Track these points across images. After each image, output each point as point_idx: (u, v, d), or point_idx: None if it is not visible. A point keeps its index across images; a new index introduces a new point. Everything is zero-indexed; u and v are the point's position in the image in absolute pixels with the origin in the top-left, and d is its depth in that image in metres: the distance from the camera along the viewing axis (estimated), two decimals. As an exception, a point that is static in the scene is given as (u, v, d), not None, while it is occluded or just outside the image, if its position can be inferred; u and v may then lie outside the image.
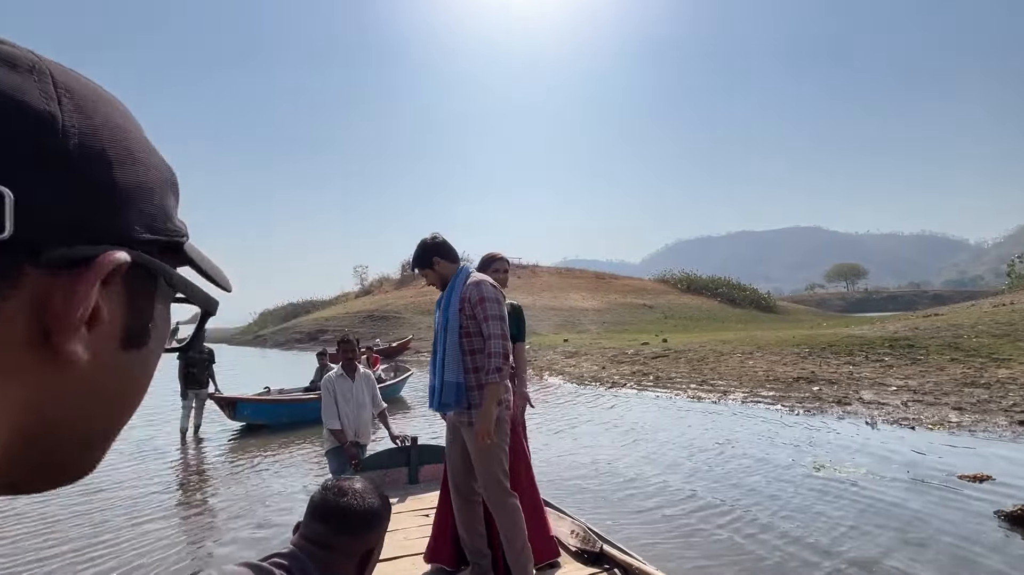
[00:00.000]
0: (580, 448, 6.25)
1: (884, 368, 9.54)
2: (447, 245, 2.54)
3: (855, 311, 70.80)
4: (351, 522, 1.06)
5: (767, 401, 8.38)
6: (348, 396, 3.83)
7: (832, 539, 3.54)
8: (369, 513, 1.08)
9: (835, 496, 4.33)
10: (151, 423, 8.94)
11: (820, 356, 11.12)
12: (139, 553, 3.74)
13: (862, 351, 10.92)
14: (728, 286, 47.56)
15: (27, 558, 3.70)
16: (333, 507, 1.07)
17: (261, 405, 8.15)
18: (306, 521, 1.09)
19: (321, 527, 1.05)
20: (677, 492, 4.59)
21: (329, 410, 3.74)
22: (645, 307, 36.46)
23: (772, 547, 3.46)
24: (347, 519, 1.06)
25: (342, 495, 1.08)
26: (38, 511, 4.69)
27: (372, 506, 1.10)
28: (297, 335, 33.63)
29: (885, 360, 10.06)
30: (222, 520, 4.41)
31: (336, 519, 1.06)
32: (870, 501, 4.18)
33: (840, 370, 9.77)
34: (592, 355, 15.07)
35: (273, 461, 6.27)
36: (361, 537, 1.08)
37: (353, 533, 1.06)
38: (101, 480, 5.63)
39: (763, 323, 30.95)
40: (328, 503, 1.07)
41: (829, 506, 4.12)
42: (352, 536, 1.07)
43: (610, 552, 2.53)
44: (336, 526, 1.05)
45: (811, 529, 3.71)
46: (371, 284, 50.25)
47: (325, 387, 3.82)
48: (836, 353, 11.13)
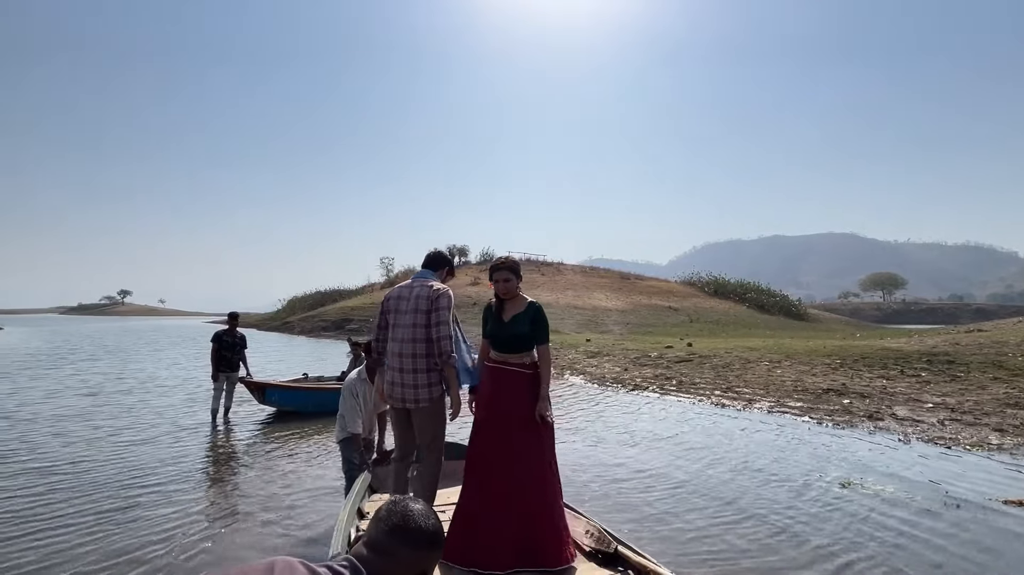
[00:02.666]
0: (597, 449, 6.21)
1: (920, 384, 9.18)
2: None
3: (891, 322, 68.25)
4: (414, 537, 1.10)
5: (794, 412, 8.16)
6: (368, 398, 4.06)
7: (856, 560, 3.43)
8: (431, 532, 1.13)
9: (861, 515, 4.18)
10: (185, 403, 9.28)
11: (852, 368, 10.76)
12: (162, 528, 3.89)
13: (897, 365, 10.52)
14: (757, 291, 46.46)
15: (57, 523, 3.89)
16: (399, 520, 1.11)
17: (288, 391, 8.35)
18: (370, 531, 1.14)
19: (385, 539, 1.09)
20: (695, 499, 4.51)
21: (352, 414, 3.96)
22: (670, 310, 35.93)
23: (790, 561, 3.38)
24: (410, 534, 1.10)
25: (408, 511, 1.13)
26: (68, 482, 4.92)
27: (434, 526, 1.15)
28: (323, 323, 34.34)
29: (922, 375, 9.67)
30: (241, 499, 4.55)
31: (401, 532, 1.10)
32: (900, 522, 4.02)
33: (873, 384, 9.43)
34: (614, 356, 14.94)
35: (296, 446, 6.43)
36: (421, 554, 1.12)
37: (414, 548, 1.10)
38: (131, 454, 5.88)
39: (793, 331, 30.11)
40: (394, 517, 1.12)
41: (854, 525, 3.99)
42: (413, 551, 1.11)
43: (625, 553, 2.53)
44: (400, 539, 1.09)
45: (833, 547, 3.60)
46: (396, 275, 50.89)
47: (350, 391, 4.02)
48: (869, 366, 10.75)
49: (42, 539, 3.67)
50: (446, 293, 3.00)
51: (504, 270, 2.90)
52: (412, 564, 1.09)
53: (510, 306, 2.92)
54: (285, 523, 4.05)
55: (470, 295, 33.71)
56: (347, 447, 4.01)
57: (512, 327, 2.86)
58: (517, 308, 2.91)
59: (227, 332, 7.95)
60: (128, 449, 6.10)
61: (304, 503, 4.49)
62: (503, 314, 2.92)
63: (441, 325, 2.90)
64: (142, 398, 9.71)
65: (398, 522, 1.11)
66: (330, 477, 5.16)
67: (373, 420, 4.25)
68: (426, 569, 1.13)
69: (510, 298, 2.93)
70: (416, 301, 2.99)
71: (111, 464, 5.51)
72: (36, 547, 3.55)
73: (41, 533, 3.77)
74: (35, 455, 5.81)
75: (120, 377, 12.75)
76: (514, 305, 2.92)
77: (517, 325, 2.86)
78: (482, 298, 31.40)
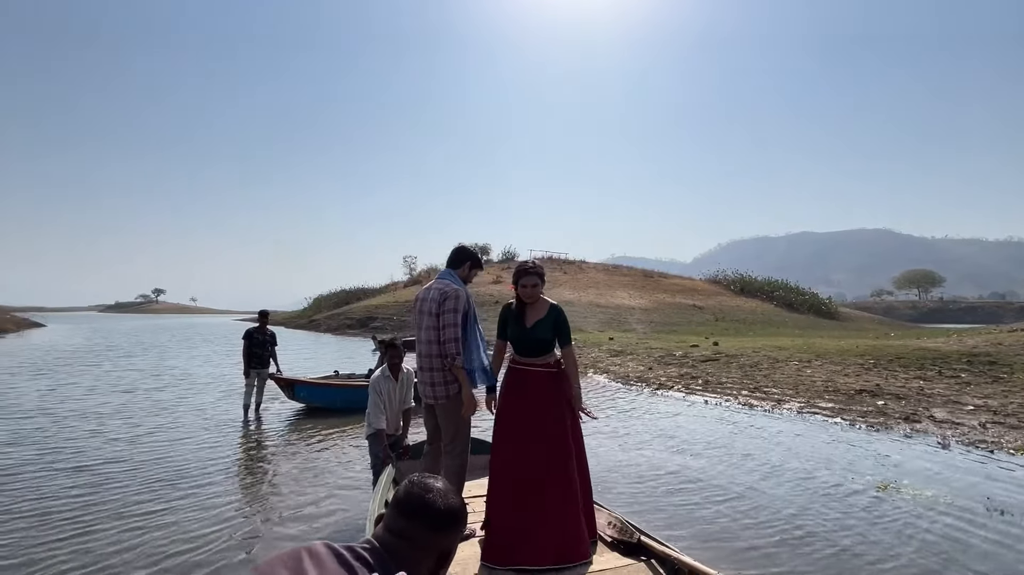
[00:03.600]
0: (622, 447, 6.17)
1: (960, 385, 8.83)
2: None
3: (927, 322, 65.72)
4: (433, 518, 1.08)
5: (825, 413, 7.95)
6: (392, 396, 4.20)
7: (889, 564, 3.33)
8: (451, 512, 1.10)
9: (898, 518, 4.06)
10: (219, 399, 9.57)
11: (887, 368, 10.41)
12: (196, 520, 4.02)
13: (935, 365, 10.15)
14: (785, 289, 45.29)
15: (101, 516, 4.06)
16: (418, 502, 1.09)
17: (316, 388, 8.52)
18: (390, 514, 1.11)
19: (404, 521, 1.07)
20: (722, 498, 4.44)
21: (376, 410, 4.07)
22: (695, 308, 35.36)
23: (822, 565, 3.30)
24: (430, 514, 1.08)
25: (427, 491, 1.10)
26: (109, 476, 5.12)
27: (454, 506, 1.11)
28: (348, 321, 34.90)
29: (962, 377, 9.30)
30: (272, 492, 4.67)
31: (420, 514, 1.07)
32: (939, 527, 3.89)
33: (909, 385, 9.12)
34: (638, 355, 14.79)
35: (325, 441, 6.57)
36: (442, 534, 1.10)
37: (435, 529, 1.08)
38: (167, 448, 6.09)
39: (823, 330, 29.30)
40: (412, 498, 1.09)
41: (890, 528, 3.87)
42: (433, 532, 1.08)
43: (647, 543, 2.58)
44: (419, 521, 1.07)
45: (867, 551, 3.50)
46: (419, 274, 51.35)
47: (374, 388, 4.13)
48: (905, 366, 10.40)
49: (85, 532, 3.84)
50: (454, 294, 3.02)
51: (532, 275, 2.86)
52: (432, 544, 1.06)
53: (531, 311, 2.90)
54: (315, 515, 4.15)
55: (492, 294, 33.80)
56: (373, 442, 4.09)
57: (535, 332, 2.86)
58: (539, 313, 2.89)
59: (258, 330, 8.16)
60: (164, 444, 6.33)
61: (334, 496, 4.59)
62: (525, 319, 2.90)
63: (447, 327, 2.96)
64: (177, 394, 10.05)
65: (416, 502, 1.08)
66: (358, 471, 5.25)
67: (399, 417, 4.32)
68: (447, 549, 1.10)
69: (533, 302, 2.91)
70: (430, 303, 3.07)
71: (149, 458, 5.73)
72: (78, 540, 3.72)
73: (84, 526, 3.94)
74: (78, 450, 6.07)
75: (156, 374, 13.22)
76: (535, 309, 2.90)
77: (540, 330, 2.85)
78: (504, 297, 31.46)
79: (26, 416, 7.75)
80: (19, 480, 4.86)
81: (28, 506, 4.23)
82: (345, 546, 1.03)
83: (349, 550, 1.02)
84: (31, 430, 6.84)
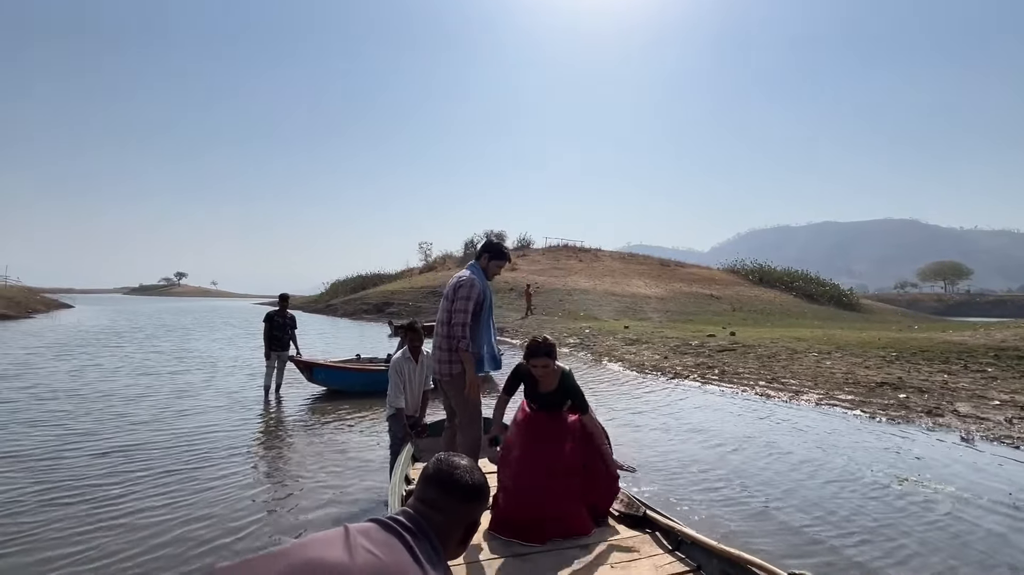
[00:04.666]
0: (638, 437, 6.17)
1: (987, 380, 8.61)
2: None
3: (953, 315, 64.02)
4: (463, 490, 1.18)
5: (845, 405, 7.84)
6: (412, 377, 4.31)
7: (908, 559, 3.30)
8: (478, 485, 1.21)
9: (917, 512, 4.00)
10: (240, 380, 9.79)
11: (910, 361, 10.20)
12: (219, 498, 4.14)
13: (960, 359, 9.90)
14: (805, 280, 44.47)
15: (129, 493, 4.21)
16: (447, 476, 1.19)
17: (335, 371, 8.65)
18: (421, 488, 1.20)
19: (436, 493, 1.17)
20: (736, 487, 4.43)
21: (397, 391, 4.18)
22: (712, 298, 34.95)
23: (840, 555, 3.28)
24: (459, 487, 1.18)
25: (455, 468, 1.20)
26: (136, 455, 5.29)
27: (479, 480, 1.22)
28: (365, 306, 35.29)
29: (988, 371, 9.07)
30: (293, 470, 4.79)
31: (450, 487, 1.17)
32: (960, 523, 3.83)
33: (933, 378, 8.92)
34: (654, 344, 14.71)
35: (344, 422, 6.69)
36: (470, 506, 1.20)
37: (464, 501, 1.18)
38: (191, 428, 6.27)
39: (843, 322, 28.75)
40: (442, 473, 1.20)
41: (910, 522, 3.82)
42: (463, 503, 1.18)
43: (652, 517, 2.73)
44: (450, 493, 1.17)
45: (881, 542, 3.47)
46: (435, 260, 51.56)
47: (395, 369, 4.21)
48: (929, 359, 10.17)
49: (114, 507, 3.99)
50: (467, 282, 3.25)
51: (542, 356, 2.85)
52: (462, 515, 1.16)
53: (544, 380, 2.95)
54: (338, 491, 4.26)
55: (507, 280, 33.81)
56: (393, 422, 4.19)
57: (550, 399, 2.97)
58: (551, 383, 2.95)
59: (278, 313, 8.30)
60: (189, 424, 6.51)
61: (353, 473, 4.70)
62: (539, 386, 2.98)
63: (456, 313, 3.23)
64: (201, 375, 10.31)
65: (445, 477, 1.18)
66: (378, 451, 5.35)
67: (419, 398, 4.40)
68: (474, 520, 1.20)
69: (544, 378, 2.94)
70: (448, 289, 3.36)
71: (174, 437, 5.91)
72: (108, 515, 3.86)
73: (113, 501, 4.10)
74: (104, 428, 6.28)
75: (179, 355, 13.56)
76: (548, 379, 2.94)
77: (555, 397, 2.96)
78: (518, 284, 31.47)
79: (54, 398, 8.04)
80: (54, 455, 5.06)
81: (60, 482, 4.41)
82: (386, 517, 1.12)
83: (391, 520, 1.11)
84: (60, 410, 7.10)
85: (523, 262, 41.78)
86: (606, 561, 2.40)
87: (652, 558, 2.42)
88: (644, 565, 2.35)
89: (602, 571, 2.32)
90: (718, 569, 2.25)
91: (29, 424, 6.15)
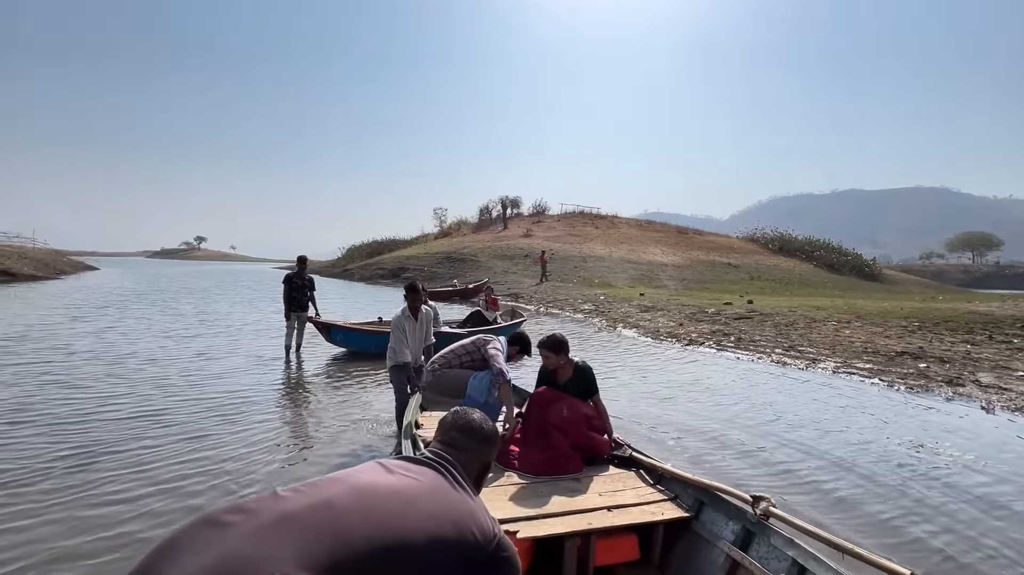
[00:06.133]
0: (652, 403, 6.22)
1: (1011, 351, 8.44)
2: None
3: (979, 287, 62.20)
4: (479, 434, 1.37)
5: (863, 374, 7.77)
6: (413, 332, 4.70)
7: (925, 523, 3.32)
8: (491, 431, 1.42)
9: (932, 478, 4.00)
10: (261, 340, 10.03)
11: (932, 331, 10.02)
12: (245, 439, 4.31)
13: (985, 330, 9.70)
14: (826, 249, 43.46)
15: (152, 434, 4.40)
16: (465, 422, 1.39)
17: (351, 332, 8.80)
18: (441, 432, 1.38)
19: (457, 435, 1.35)
20: (751, 454, 4.46)
21: (401, 345, 4.58)
22: (729, 266, 34.46)
23: (857, 523, 3.31)
24: (476, 432, 1.37)
25: (471, 416, 1.41)
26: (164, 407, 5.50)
27: (492, 427, 1.43)
28: (380, 271, 35.56)
29: (1014, 342, 8.88)
30: (310, 421, 4.97)
31: (468, 430, 1.37)
32: (978, 488, 3.83)
33: (955, 349, 8.77)
34: (669, 311, 14.64)
35: (360, 380, 6.87)
36: (486, 447, 1.38)
37: (482, 442, 1.37)
38: (215, 383, 6.48)
39: (864, 292, 28.22)
40: (460, 419, 1.40)
41: (924, 487, 3.83)
42: (481, 445, 1.36)
43: (637, 457, 3.10)
44: (469, 436, 1.36)
45: (901, 509, 3.49)
46: (450, 226, 51.40)
47: (397, 326, 4.61)
48: (952, 330, 9.98)
49: (148, 455, 4.18)
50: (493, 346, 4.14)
51: (543, 347, 3.36)
52: (479, 455, 1.35)
53: (561, 372, 3.41)
54: (355, 438, 4.47)
55: (521, 247, 33.69)
56: (397, 373, 4.56)
57: (566, 388, 3.38)
58: (566, 374, 3.40)
59: (297, 274, 8.41)
60: (215, 381, 6.73)
61: (369, 424, 4.90)
62: (556, 377, 3.43)
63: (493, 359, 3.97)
64: (224, 336, 10.58)
65: (463, 423, 1.38)
66: (389, 403, 5.49)
67: (420, 352, 4.75)
68: (488, 461, 1.40)
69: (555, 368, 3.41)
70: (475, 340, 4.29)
71: (201, 393, 6.12)
72: (142, 463, 4.05)
73: (147, 450, 4.29)
74: (134, 386, 6.53)
75: (202, 317, 13.92)
76: (563, 371, 3.40)
77: (569, 386, 3.37)
78: (533, 250, 31.33)
79: (85, 360, 8.34)
80: (89, 411, 5.30)
81: (93, 432, 4.62)
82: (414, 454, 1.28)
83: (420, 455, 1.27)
84: (90, 367, 7.39)
85: (539, 228, 41.45)
86: (595, 490, 2.76)
87: (636, 490, 2.78)
88: (628, 494, 2.71)
89: (592, 497, 2.67)
90: (692, 497, 2.60)
91: (64, 386, 6.42)
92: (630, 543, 2.45)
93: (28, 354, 7.77)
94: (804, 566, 1.94)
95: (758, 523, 2.22)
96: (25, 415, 4.89)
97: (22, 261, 27.68)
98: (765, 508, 2.21)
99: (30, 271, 26.76)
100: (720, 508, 2.45)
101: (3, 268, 24.42)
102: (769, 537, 2.15)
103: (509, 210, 48.92)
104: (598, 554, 2.38)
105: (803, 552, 1.99)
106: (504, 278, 26.25)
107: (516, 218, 48.29)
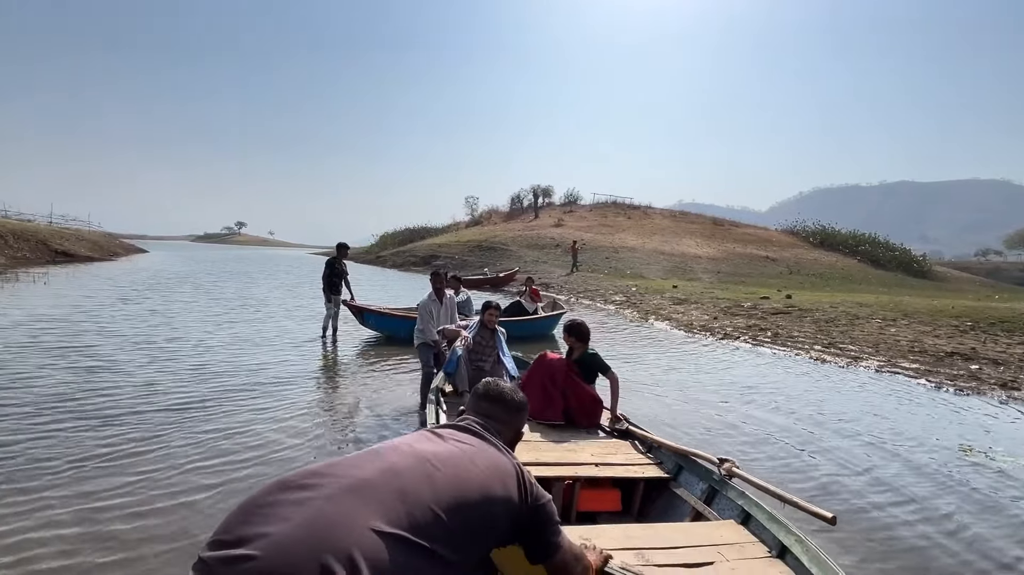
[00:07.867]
0: (682, 397, 6.16)
1: (1074, 354, 7.95)
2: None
3: (1040, 286, 58.42)
4: (511, 404, 1.47)
5: (908, 374, 7.48)
6: (438, 314, 5.17)
7: (971, 531, 3.21)
8: (522, 402, 1.51)
9: (982, 484, 3.86)
10: (300, 321, 10.39)
11: (986, 332, 9.52)
12: (291, 413, 4.51)
13: (1046, 332, 9.15)
14: (872, 243, 41.54)
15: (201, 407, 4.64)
16: (496, 393, 1.48)
17: (383, 317, 9.03)
18: (474, 402, 1.46)
19: (489, 405, 1.45)
20: (788, 451, 4.39)
21: (428, 326, 5.06)
22: (767, 260, 33.45)
23: (896, 526, 3.24)
24: (507, 402, 1.46)
25: (500, 387, 1.50)
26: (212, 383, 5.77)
27: (522, 398, 1.52)
28: (413, 259, 36.08)
29: (1077, 345, 8.35)
30: (344, 395, 5.21)
31: (500, 400, 1.46)
32: None
33: (1011, 351, 8.32)
34: (703, 304, 14.37)
35: (391, 361, 7.06)
36: (516, 417, 1.48)
37: (512, 413, 1.46)
38: (260, 360, 6.76)
39: (911, 289, 26.92)
40: (491, 390, 1.49)
41: (974, 493, 3.70)
42: (511, 415, 1.46)
43: (631, 429, 3.38)
44: (501, 405, 1.45)
45: (946, 516, 3.38)
46: (481, 215, 51.57)
47: (426, 308, 5.09)
48: (1008, 331, 9.45)
49: (196, 427, 4.42)
50: None
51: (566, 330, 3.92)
52: (511, 422, 1.45)
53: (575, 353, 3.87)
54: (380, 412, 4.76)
55: (553, 236, 33.54)
56: (424, 350, 5.05)
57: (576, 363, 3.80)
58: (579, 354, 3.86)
59: (337, 260, 8.72)
60: (259, 359, 7.04)
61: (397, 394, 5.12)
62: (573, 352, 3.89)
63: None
64: (266, 317, 11.02)
65: (495, 394, 1.47)
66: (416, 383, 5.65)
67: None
68: (519, 427, 1.49)
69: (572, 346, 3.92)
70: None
71: (246, 370, 6.41)
72: (192, 434, 4.29)
73: (196, 422, 4.54)
74: (183, 362, 6.89)
75: (244, 299, 14.49)
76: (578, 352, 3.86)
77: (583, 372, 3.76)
78: (564, 240, 31.15)
79: (136, 344, 8.83)
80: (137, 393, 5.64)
81: (145, 407, 4.92)
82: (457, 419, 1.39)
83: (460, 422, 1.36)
84: (144, 348, 7.83)
85: (570, 218, 41.14)
86: (589, 452, 3.08)
87: (627, 455, 3.09)
88: (619, 458, 3.02)
89: (584, 456, 2.98)
90: (673, 461, 2.94)
91: (111, 358, 6.84)
92: (613, 496, 2.78)
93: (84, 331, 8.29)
94: (749, 513, 2.29)
95: (721, 481, 2.55)
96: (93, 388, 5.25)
97: (79, 243, 29.36)
98: (728, 468, 2.53)
99: (87, 252, 28.38)
100: (694, 470, 2.78)
101: (63, 250, 25.97)
102: (727, 492, 2.49)
103: (540, 199, 48.70)
104: (581, 501, 2.71)
105: (750, 502, 2.33)
106: (535, 267, 26.23)
107: (547, 207, 48.04)
